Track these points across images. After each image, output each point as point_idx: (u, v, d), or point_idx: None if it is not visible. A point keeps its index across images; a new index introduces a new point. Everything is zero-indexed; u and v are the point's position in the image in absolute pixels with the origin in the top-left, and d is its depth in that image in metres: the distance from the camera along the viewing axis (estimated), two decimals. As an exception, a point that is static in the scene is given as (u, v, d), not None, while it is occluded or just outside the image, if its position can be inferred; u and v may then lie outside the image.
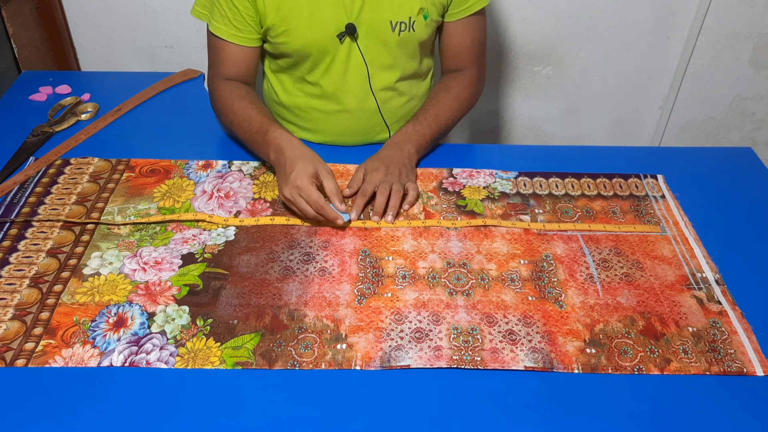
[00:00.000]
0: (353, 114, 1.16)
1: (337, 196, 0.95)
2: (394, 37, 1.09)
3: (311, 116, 1.18)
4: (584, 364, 0.79)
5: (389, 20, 1.07)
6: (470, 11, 1.13)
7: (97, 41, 1.72)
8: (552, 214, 1.01)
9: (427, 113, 1.13)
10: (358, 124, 1.17)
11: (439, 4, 1.10)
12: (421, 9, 1.08)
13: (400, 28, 1.08)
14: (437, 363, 0.78)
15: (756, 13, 1.70)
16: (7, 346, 0.79)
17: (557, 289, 0.89)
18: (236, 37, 1.09)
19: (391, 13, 1.07)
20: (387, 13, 1.07)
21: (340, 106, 1.15)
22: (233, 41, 1.09)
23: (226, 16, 1.07)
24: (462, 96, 1.16)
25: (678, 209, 1.03)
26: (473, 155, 1.17)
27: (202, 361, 0.78)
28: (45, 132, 1.16)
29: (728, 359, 0.80)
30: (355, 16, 1.06)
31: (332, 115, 1.16)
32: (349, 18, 1.06)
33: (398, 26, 1.08)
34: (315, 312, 0.84)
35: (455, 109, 1.15)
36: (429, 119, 1.12)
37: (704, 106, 1.88)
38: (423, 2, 1.07)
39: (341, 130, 1.18)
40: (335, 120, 1.17)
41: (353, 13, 1.06)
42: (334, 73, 1.12)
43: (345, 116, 1.16)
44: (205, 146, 1.14)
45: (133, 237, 0.95)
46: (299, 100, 1.17)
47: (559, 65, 1.78)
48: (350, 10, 1.06)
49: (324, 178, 0.95)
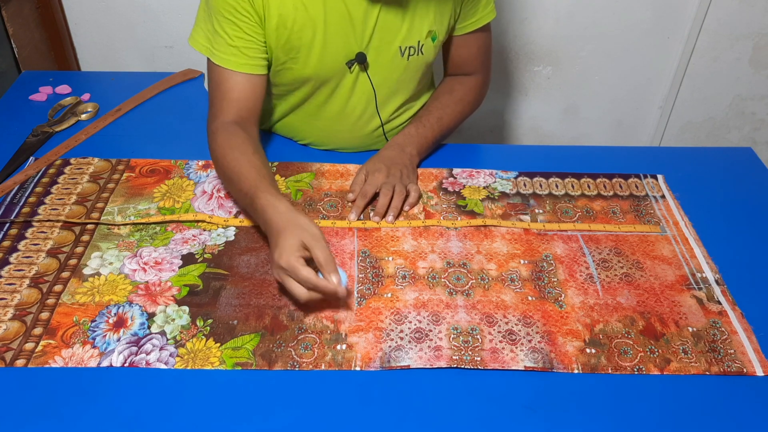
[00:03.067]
0: (354, 132, 1.14)
1: (328, 267, 0.79)
2: (403, 62, 1.06)
3: (310, 133, 1.16)
4: (584, 364, 0.79)
5: (399, 46, 1.04)
6: (476, 26, 1.11)
7: (97, 41, 1.72)
8: (552, 214, 1.01)
9: (430, 115, 1.11)
10: (360, 141, 1.16)
11: (447, 23, 1.07)
12: (430, 32, 1.05)
13: (409, 52, 1.06)
14: (437, 363, 0.78)
15: (756, 13, 1.70)
16: (7, 346, 0.79)
17: (557, 289, 0.89)
18: (244, 65, 0.99)
19: (401, 39, 1.04)
20: (396, 40, 1.04)
21: (341, 127, 1.13)
22: (241, 70, 0.99)
23: (231, 45, 0.98)
24: (466, 99, 1.15)
25: (678, 209, 1.03)
26: (473, 155, 1.17)
27: (201, 361, 0.78)
28: (45, 132, 1.16)
29: (728, 359, 0.80)
30: (365, 45, 1.03)
31: (332, 132, 1.14)
32: (360, 47, 1.02)
33: (407, 51, 1.05)
34: (315, 312, 0.84)
35: (458, 112, 1.14)
36: (431, 121, 1.11)
37: (704, 106, 1.88)
38: (432, 24, 1.05)
39: (341, 145, 1.16)
40: (334, 136, 1.15)
41: (363, 41, 1.02)
42: (339, 98, 1.08)
43: (345, 134, 1.14)
44: (205, 146, 1.13)
45: (133, 237, 0.95)
46: (295, 120, 1.14)
47: (559, 65, 1.78)
48: (361, 39, 1.02)
49: (312, 248, 0.80)
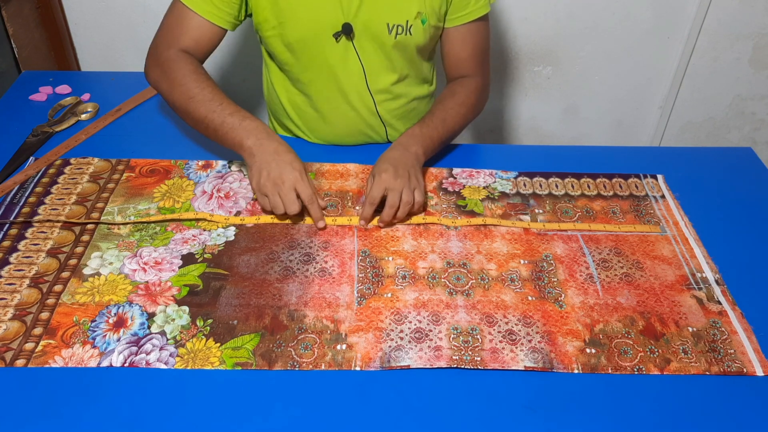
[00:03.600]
0: (350, 114, 1.16)
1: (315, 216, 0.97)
2: (390, 39, 1.08)
3: (309, 116, 1.18)
4: (584, 364, 0.79)
5: (386, 22, 1.07)
6: (469, 18, 1.11)
7: (97, 41, 1.72)
8: (552, 214, 1.01)
9: (434, 116, 1.10)
10: (355, 124, 1.17)
11: (438, 8, 1.09)
12: (419, 13, 1.07)
13: (397, 31, 1.07)
14: (437, 363, 0.78)
15: (756, 13, 1.70)
16: (6, 346, 0.79)
17: (557, 289, 0.89)
18: (210, 13, 1.05)
19: (389, 15, 1.06)
20: (384, 16, 1.06)
21: (337, 106, 1.15)
22: (205, 16, 1.05)
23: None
24: (468, 102, 1.14)
25: (678, 209, 1.03)
26: (473, 155, 1.17)
27: (201, 361, 0.78)
28: (45, 132, 1.16)
29: (728, 359, 0.80)
30: (352, 16, 1.06)
31: (330, 114, 1.16)
32: (346, 17, 1.06)
33: (395, 29, 1.07)
34: (315, 312, 0.84)
35: (461, 115, 1.13)
36: (436, 122, 1.09)
37: (704, 106, 1.88)
38: (421, 6, 1.07)
39: (339, 131, 1.18)
40: (333, 120, 1.17)
41: (350, 12, 1.06)
42: (330, 73, 1.12)
43: (342, 116, 1.16)
44: (205, 146, 1.14)
45: (133, 237, 0.95)
46: (298, 99, 1.18)
47: (559, 65, 1.78)
48: (347, 9, 1.05)
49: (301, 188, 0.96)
